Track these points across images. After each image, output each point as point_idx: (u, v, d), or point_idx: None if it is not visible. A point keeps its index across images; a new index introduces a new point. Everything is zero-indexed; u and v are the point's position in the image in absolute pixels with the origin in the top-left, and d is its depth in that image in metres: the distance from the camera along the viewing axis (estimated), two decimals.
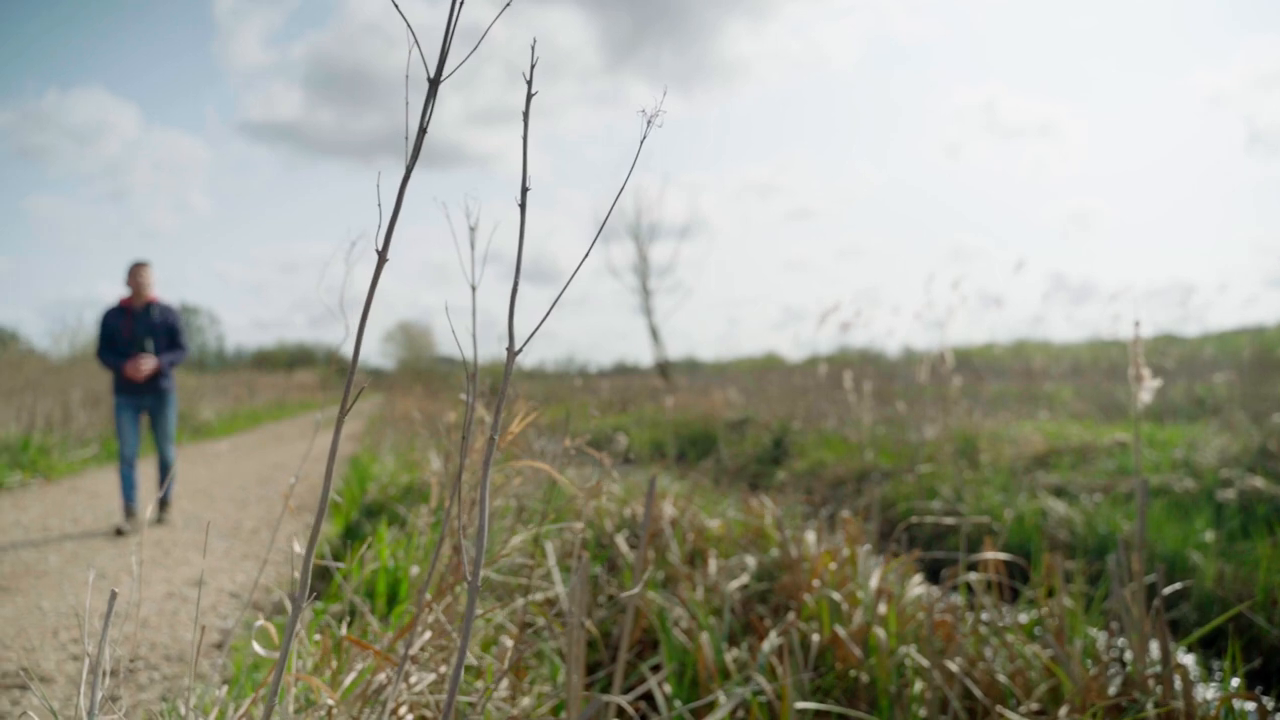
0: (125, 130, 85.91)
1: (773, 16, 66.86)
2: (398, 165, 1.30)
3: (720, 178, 69.56)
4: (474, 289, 1.62)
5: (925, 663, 3.30)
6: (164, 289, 7.43)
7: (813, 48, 68.71)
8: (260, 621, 2.21)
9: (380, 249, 1.26)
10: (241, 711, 2.22)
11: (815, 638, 3.61)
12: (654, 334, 35.22)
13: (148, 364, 7.13)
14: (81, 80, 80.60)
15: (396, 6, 1.24)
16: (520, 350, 1.28)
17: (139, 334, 7.27)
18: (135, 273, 7.39)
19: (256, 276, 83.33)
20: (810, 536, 4.67)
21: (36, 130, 77.20)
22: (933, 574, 5.01)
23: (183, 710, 2.43)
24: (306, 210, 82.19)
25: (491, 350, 1.65)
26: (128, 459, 7.25)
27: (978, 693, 3.23)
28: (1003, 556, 3.88)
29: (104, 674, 1.67)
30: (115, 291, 7.54)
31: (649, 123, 1.21)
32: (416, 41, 1.22)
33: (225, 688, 2.62)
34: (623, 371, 43.46)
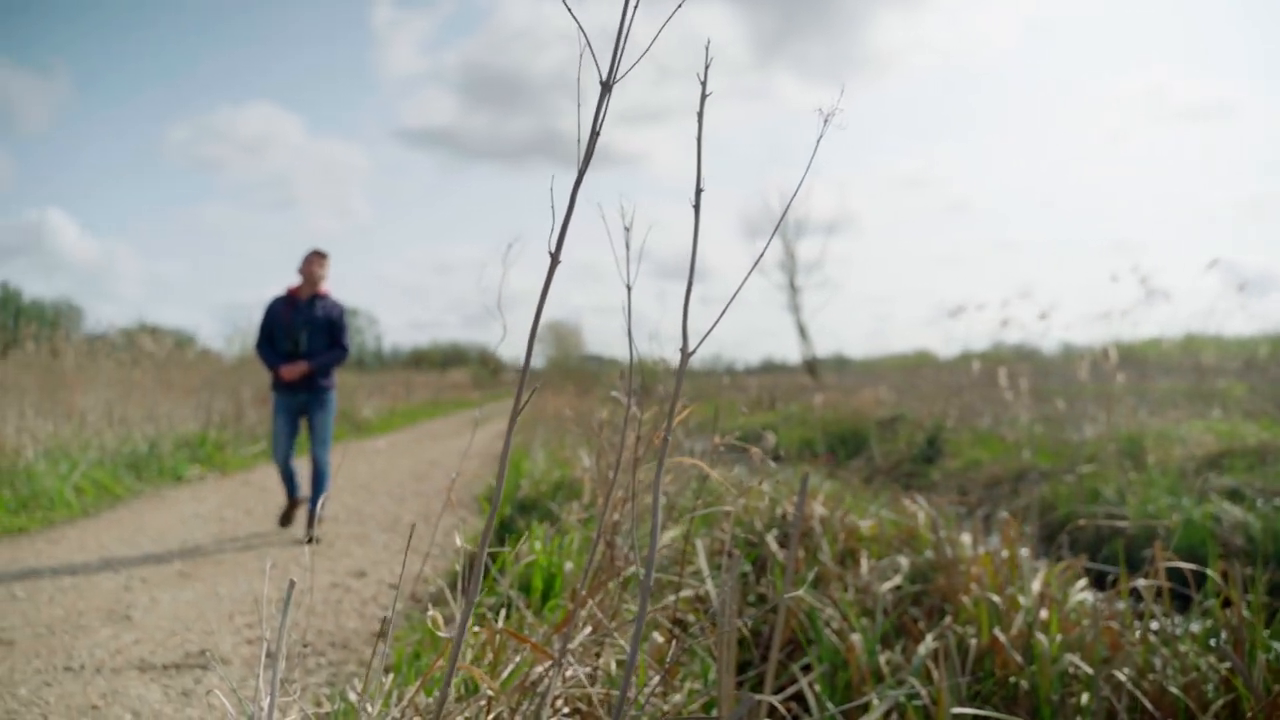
0: (291, 140, 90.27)
1: (925, 4, 65.42)
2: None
3: (870, 171, 68.55)
4: (629, 289, 1.64)
5: (1090, 671, 3.17)
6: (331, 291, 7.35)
7: (968, 35, 66.98)
8: (431, 612, 2.28)
9: (553, 250, 1.29)
10: (406, 700, 2.30)
11: (973, 642, 3.52)
12: (801, 331, 34.94)
13: (299, 367, 6.75)
14: (251, 95, 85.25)
15: (570, 12, 1.26)
16: (694, 351, 1.29)
17: (296, 327, 6.84)
18: (309, 261, 6.96)
19: (412, 278, 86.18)
20: (966, 538, 4.55)
21: (210, 143, 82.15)
22: (1096, 579, 4.81)
23: (351, 696, 2.54)
24: (460, 212, 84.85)
25: (641, 349, 1.66)
26: (280, 459, 6.97)
27: (1147, 704, 3.09)
28: (1184, 566, 3.69)
29: (282, 659, 1.76)
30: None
31: (825, 122, 1.20)
32: (589, 45, 1.24)
33: (390, 675, 2.72)
34: (770, 369, 43.26)
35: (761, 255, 1.31)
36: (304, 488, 7.18)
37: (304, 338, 6.82)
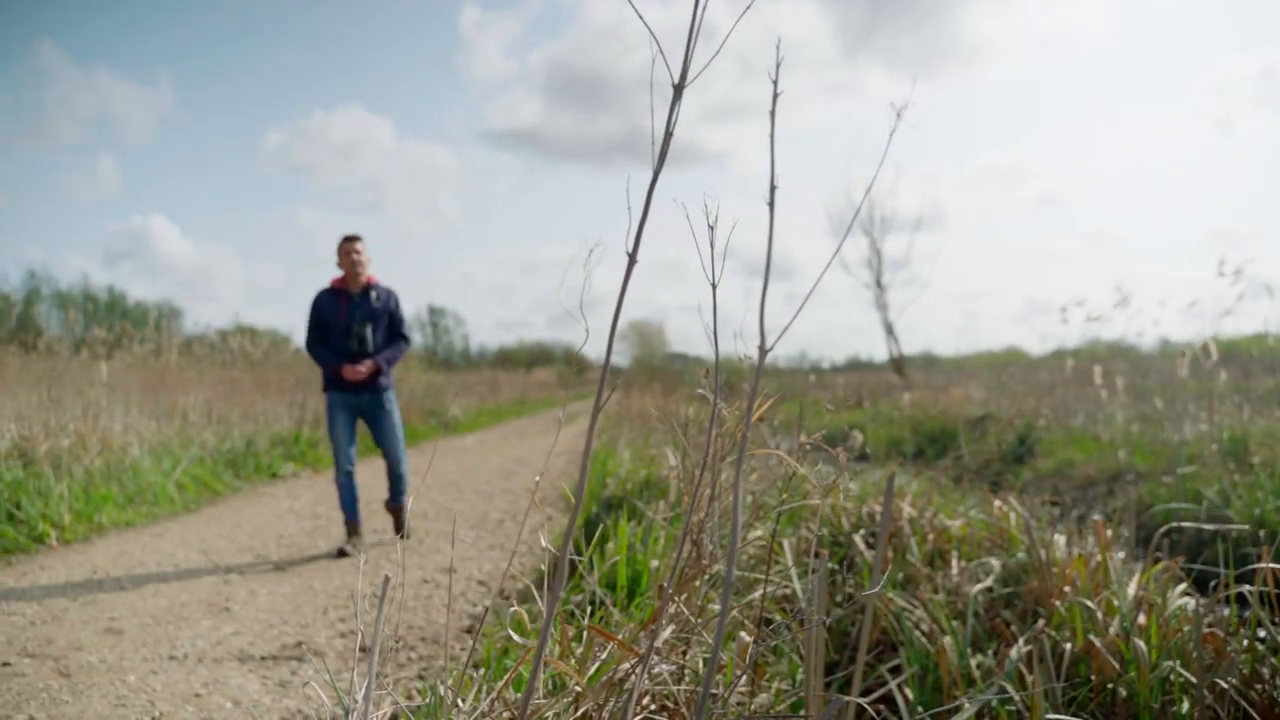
0: (381, 144, 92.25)
1: None
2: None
3: (959, 165, 67.49)
4: (714, 287, 1.64)
5: (1192, 679, 3.07)
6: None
7: (1063, 21, 65.38)
8: (513, 608, 2.31)
9: (630, 251, 1.30)
10: (494, 694, 2.33)
11: (1067, 646, 3.43)
12: (888, 329, 34.52)
13: (365, 366, 6.25)
14: (342, 100, 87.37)
15: (639, 14, 1.27)
16: (772, 348, 1.29)
17: (354, 321, 6.30)
18: (345, 248, 6.37)
19: (499, 278, 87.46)
20: (1059, 540, 4.44)
21: (304, 148, 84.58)
22: (1199, 585, 4.65)
23: (441, 690, 2.58)
24: (546, 213, 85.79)
25: (725, 347, 1.66)
26: (343, 467, 6.37)
27: (1255, 715, 2.98)
28: None
29: (376, 652, 1.80)
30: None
31: (898, 116, 1.19)
32: (660, 50, 1.25)
33: (481, 670, 2.76)
34: (856, 367, 42.90)
35: (838, 250, 1.31)
36: (364, 510, 6.70)
37: (367, 333, 6.32)
